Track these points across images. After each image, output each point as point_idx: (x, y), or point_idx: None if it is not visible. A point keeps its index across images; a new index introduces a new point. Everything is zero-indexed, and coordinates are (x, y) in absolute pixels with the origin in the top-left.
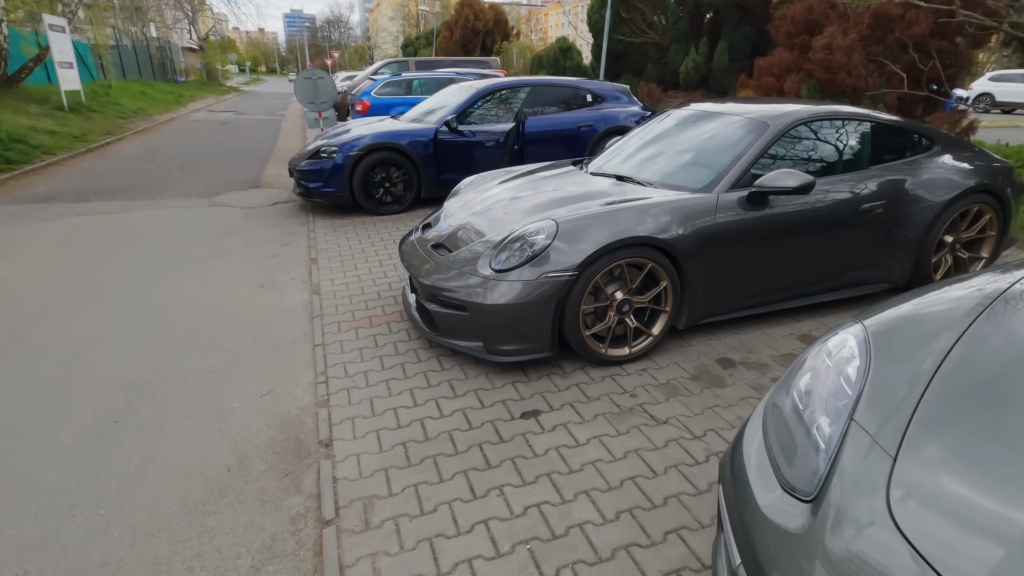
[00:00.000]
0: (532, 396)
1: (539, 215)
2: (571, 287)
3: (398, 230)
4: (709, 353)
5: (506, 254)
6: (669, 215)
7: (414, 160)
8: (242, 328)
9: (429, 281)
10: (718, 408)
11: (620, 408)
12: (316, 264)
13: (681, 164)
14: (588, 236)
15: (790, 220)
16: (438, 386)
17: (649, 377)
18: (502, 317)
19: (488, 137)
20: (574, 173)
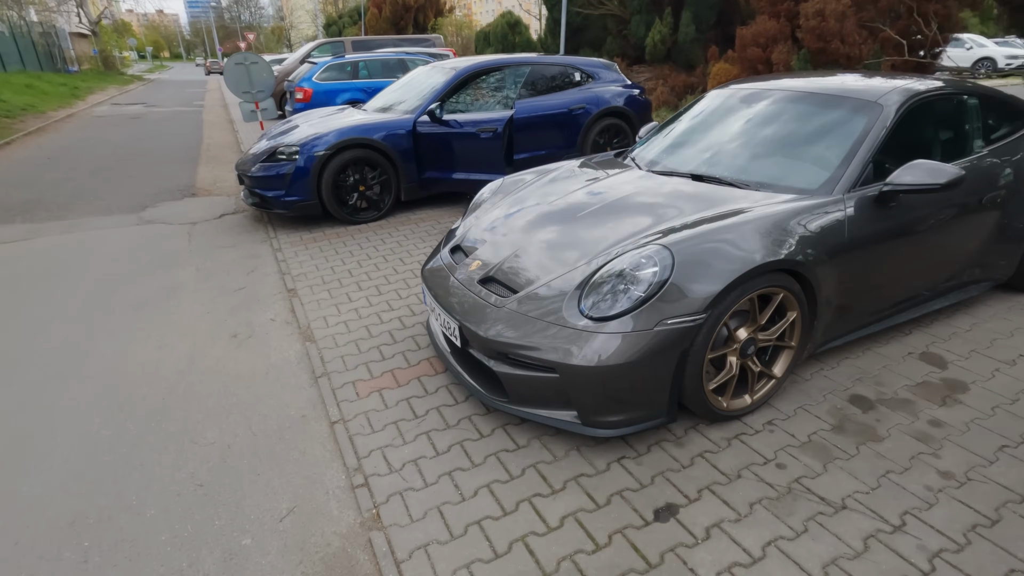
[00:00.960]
0: (654, 481)
1: (627, 237)
2: (696, 334)
3: (383, 242)
4: (832, 389)
5: (599, 295)
6: (798, 228)
7: (391, 157)
8: (225, 404)
9: (494, 335)
10: (892, 475)
11: (775, 489)
12: (297, 297)
13: (772, 158)
14: (714, 265)
15: (917, 220)
16: (523, 476)
17: (783, 434)
18: (607, 380)
19: (482, 127)
20: (631, 172)
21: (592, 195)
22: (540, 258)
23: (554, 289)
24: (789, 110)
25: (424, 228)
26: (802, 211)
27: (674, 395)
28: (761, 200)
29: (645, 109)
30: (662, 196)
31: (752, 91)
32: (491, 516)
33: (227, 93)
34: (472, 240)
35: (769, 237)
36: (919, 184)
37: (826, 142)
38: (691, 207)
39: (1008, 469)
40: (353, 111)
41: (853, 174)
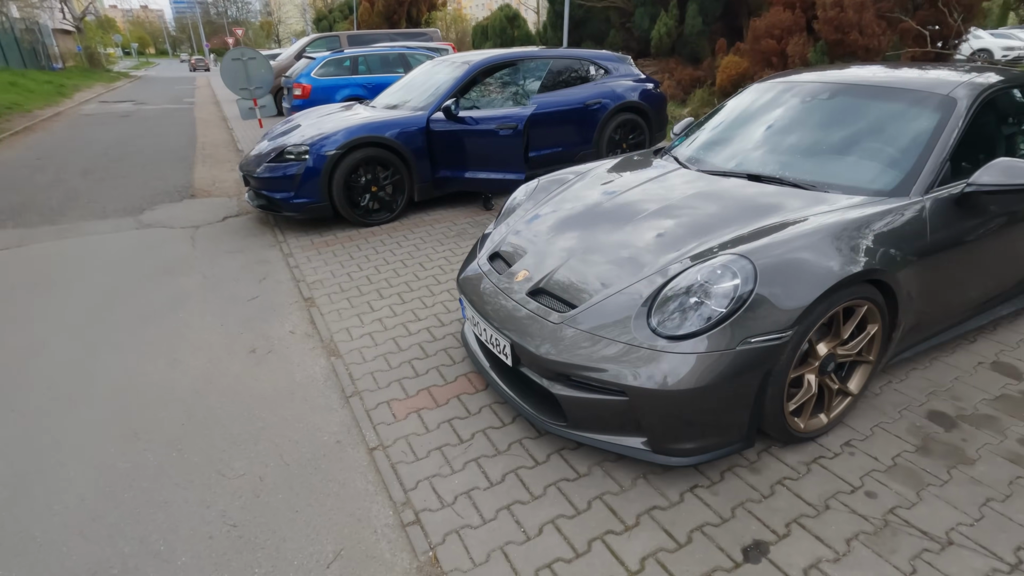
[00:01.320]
0: (735, 513)
1: (693, 244)
2: (781, 353)
3: (399, 246)
4: (907, 405)
5: (671, 310)
6: (881, 234)
7: (404, 156)
8: (251, 429)
9: (554, 355)
10: (994, 504)
11: (870, 522)
12: (315, 307)
13: (835, 157)
14: (801, 276)
15: (995, 221)
16: (590, 510)
17: (865, 457)
18: (684, 404)
19: (502, 124)
20: (679, 172)
21: (644, 198)
22: (597, 268)
23: (619, 303)
24: (848, 105)
25: (440, 230)
26: (884, 215)
27: (754, 419)
28: (834, 203)
29: (661, 104)
30: (722, 199)
31: (801, 84)
32: (562, 558)
33: (219, 90)
34: (513, 247)
35: (854, 244)
36: (1008, 184)
37: (894, 139)
38: (757, 211)
39: None
40: (360, 108)
41: (930, 174)
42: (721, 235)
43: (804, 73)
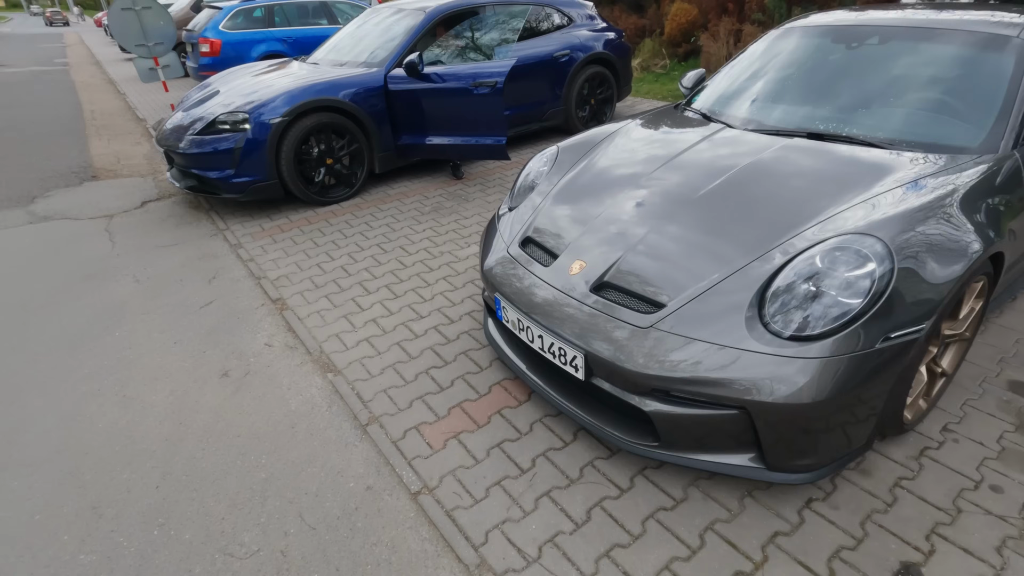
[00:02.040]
0: (866, 530)
1: (795, 221)
2: (916, 347)
3: (370, 227)
4: (983, 377)
5: (790, 306)
6: (989, 198)
7: (362, 122)
8: (252, 483)
9: (649, 366)
10: None
11: (1011, 523)
12: (289, 309)
13: (903, 109)
14: (938, 256)
15: None
16: (705, 547)
17: (969, 443)
18: (813, 415)
19: (478, 81)
20: (725, 131)
21: (704, 165)
22: (676, 255)
23: (720, 299)
24: (904, 50)
25: (412, 205)
26: (988, 176)
27: (881, 420)
28: (928, 165)
29: (627, 55)
30: (801, 164)
31: (844, 27)
32: None
33: (97, 48)
34: (551, 230)
35: (976, 213)
36: None
37: (966, 89)
38: (848, 178)
39: None
40: (298, 66)
41: (1018, 126)
42: (824, 210)
43: (838, 13)
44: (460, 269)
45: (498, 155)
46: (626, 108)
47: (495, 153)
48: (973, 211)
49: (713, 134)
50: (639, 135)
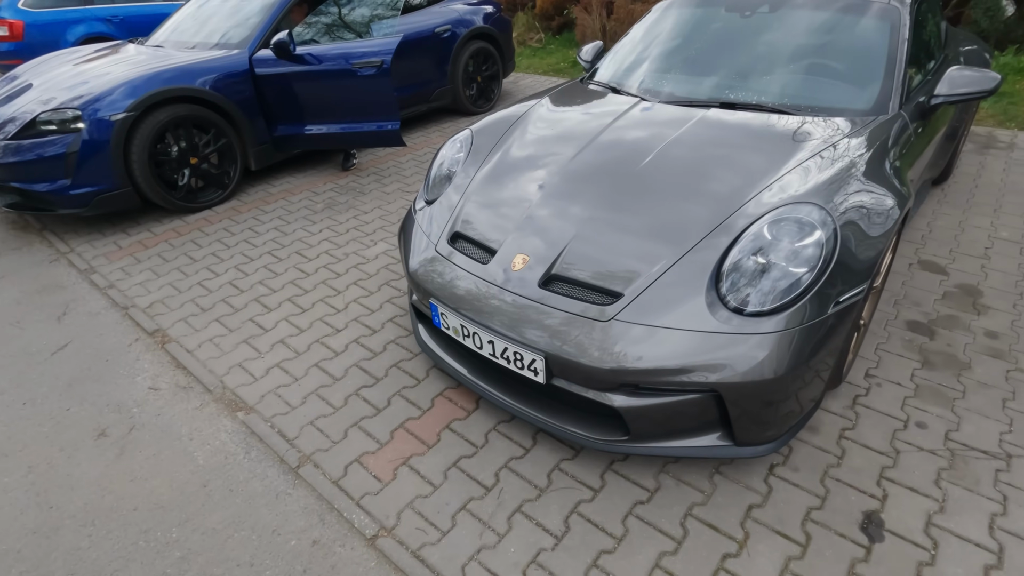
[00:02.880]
0: (827, 487)
1: (733, 195)
2: (861, 305)
3: (256, 232)
4: (886, 320)
5: (746, 281)
6: (893, 157)
7: (228, 113)
8: (165, 565)
9: (615, 361)
10: (1009, 404)
11: (941, 456)
12: (173, 341)
13: (799, 75)
14: (871, 218)
15: (935, 119)
16: (689, 536)
17: (890, 386)
18: (780, 387)
19: (363, 61)
20: (639, 105)
21: (630, 141)
22: (624, 240)
23: (677, 283)
24: (792, 18)
25: (300, 204)
26: (888, 137)
27: (830, 381)
28: (832, 128)
29: (508, 30)
30: (720, 136)
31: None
32: None
33: None
34: (481, 224)
35: (889, 172)
36: (972, 92)
37: (852, 53)
38: (772, 147)
39: None
40: (135, 49)
41: (900, 86)
42: (758, 181)
43: None
44: (371, 271)
45: (392, 141)
46: (512, 85)
47: (388, 139)
48: (885, 170)
49: (629, 110)
50: (554, 114)
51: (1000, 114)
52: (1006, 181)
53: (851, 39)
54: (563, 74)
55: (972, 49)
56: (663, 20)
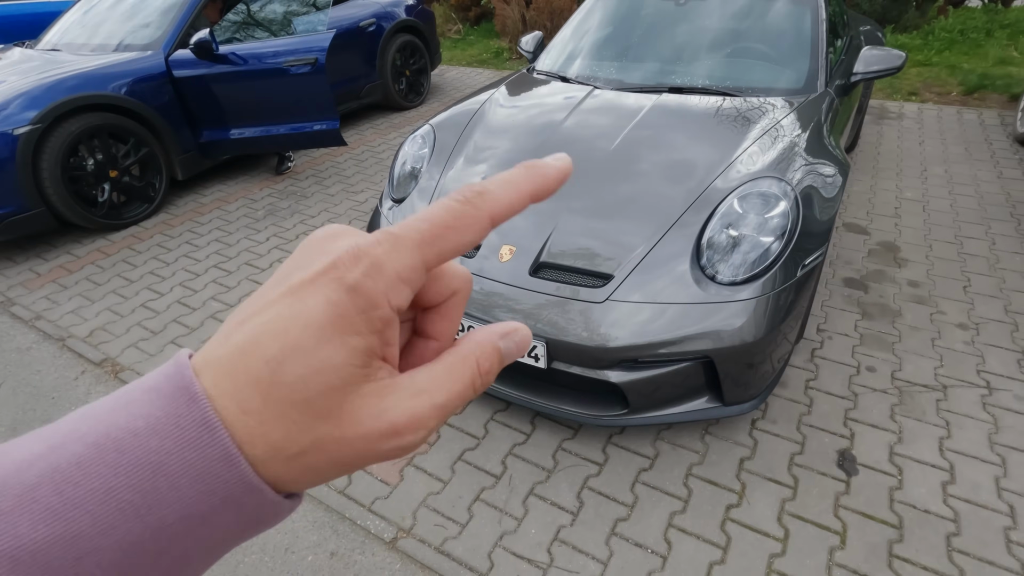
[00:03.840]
0: (803, 433)
1: (700, 173)
2: (819, 269)
3: (194, 245)
4: (824, 279)
5: (722, 252)
6: (828, 129)
7: (148, 120)
8: None
9: (616, 339)
10: (936, 342)
11: (891, 394)
12: (127, 369)
13: (734, 59)
14: (822, 187)
15: None
16: (694, 495)
17: (840, 337)
18: (762, 348)
19: (295, 59)
20: (595, 93)
21: (592, 128)
22: (605, 223)
23: (661, 260)
24: (721, 4)
25: (239, 212)
26: (821, 112)
27: (802, 329)
28: (774, 107)
29: (432, 21)
30: (677, 120)
31: None
32: (715, 561)
33: None
34: None
35: (827, 145)
36: (883, 70)
37: (779, 36)
38: (724, 127)
39: (1005, 289)
40: (21, 54)
41: (824, 66)
42: (721, 160)
43: None
44: None
45: (332, 141)
46: (437, 78)
47: (328, 139)
48: (824, 142)
49: (585, 98)
50: (513, 105)
51: (887, 88)
52: (901, 147)
53: (778, 23)
54: (487, 65)
55: (868, 29)
56: (602, 8)
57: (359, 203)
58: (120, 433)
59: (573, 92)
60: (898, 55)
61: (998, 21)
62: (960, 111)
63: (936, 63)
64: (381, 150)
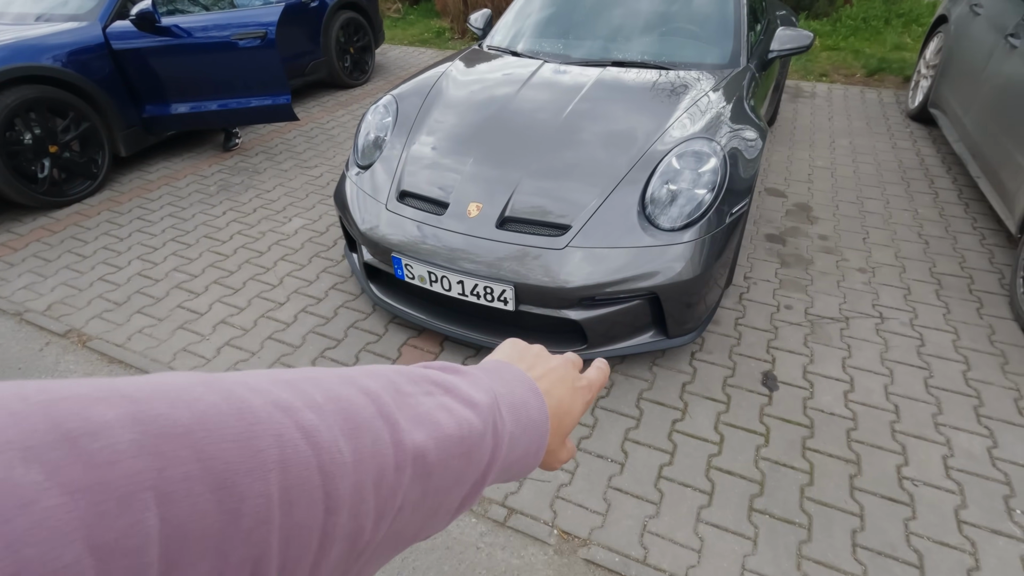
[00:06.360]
0: (734, 360)
1: (648, 135)
2: (744, 218)
3: (147, 220)
4: (748, 236)
5: (663, 202)
6: (750, 99)
7: (87, 93)
8: None
9: (575, 280)
10: (841, 284)
11: (803, 326)
12: (97, 339)
13: (668, 37)
14: (745, 148)
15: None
16: (646, 414)
17: (761, 283)
18: (699, 285)
19: (243, 32)
20: (552, 68)
21: (545, 99)
22: (561, 182)
23: (613, 211)
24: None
25: (190, 188)
26: (743, 84)
27: (725, 285)
28: (704, 79)
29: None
30: (621, 89)
31: None
32: (664, 463)
33: None
34: (428, 181)
35: (749, 112)
36: (795, 47)
37: (706, 16)
38: (661, 96)
39: (896, 239)
40: None
41: (745, 44)
42: (661, 125)
43: None
44: (295, 245)
45: (284, 116)
46: (381, 56)
47: (280, 114)
48: (747, 110)
49: (537, 71)
50: (468, 79)
51: (802, 69)
52: (813, 122)
53: (705, 6)
54: (429, 45)
55: (784, 14)
56: None
57: (315, 177)
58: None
59: (523, 67)
60: (807, 35)
61: (895, 11)
62: (863, 91)
63: (843, 48)
64: (330, 127)
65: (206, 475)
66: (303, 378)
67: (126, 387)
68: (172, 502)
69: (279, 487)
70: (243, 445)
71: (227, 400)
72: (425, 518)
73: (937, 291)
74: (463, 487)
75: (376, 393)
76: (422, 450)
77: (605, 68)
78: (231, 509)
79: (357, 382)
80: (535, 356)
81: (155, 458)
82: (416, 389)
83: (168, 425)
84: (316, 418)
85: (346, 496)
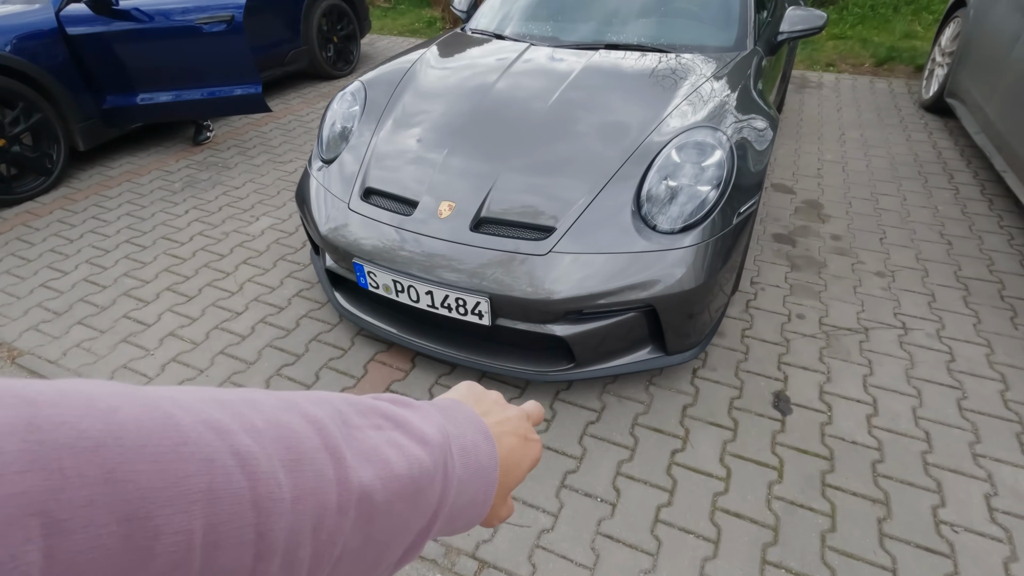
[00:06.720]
0: (741, 379)
1: (636, 127)
2: (753, 217)
3: (102, 220)
4: (754, 236)
5: (661, 201)
6: (758, 84)
7: (41, 83)
8: None
9: (560, 292)
10: (857, 289)
11: (819, 339)
12: (28, 354)
13: (667, 19)
14: (755, 139)
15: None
16: (641, 442)
17: (771, 288)
18: (703, 294)
19: (207, 17)
20: (538, 51)
21: (530, 86)
22: (545, 178)
23: (603, 211)
24: None
25: (153, 185)
26: (751, 68)
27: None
28: (707, 63)
29: None
30: (615, 74)
31: None
32: (662, 504)
33: None
34: (395, 177)
35: (758, 99)
36: (807, 29)
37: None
38: (660, 82)
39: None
40: None
41: (753, 25)
42: (659, 113)
43: None
44: (260, 247)
45: (254, 107)
46: (368, 47)
47: (250, 105)
48: (755, 97)
49: (521, 55)
50: (447, 62)
51: (807, 59)
52: (821, 114)
53: None
54: (420, 34)
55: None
56: None
57: (288, 173)
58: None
59: (507, 51)
60: (820, 15)
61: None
62: (872, 81)
63: (850, 36)
64: (309, 119)
65: (115, 501)
66: (240, 399)
67: (26, 388)
68: (65, 533)
69: (203, 523)
70: (164, 468)
71: (149, 414)
72: (363, 571)
73: (965, 298)
74: (407, 536)
75: (322, 422)
76: (368, 491)
77: (597, 51)
78: (141, 547)
79: (300, 408)
80: (492, 402)
81: (51, 475)
82: (364, 422)
83: (74, 436)
84: (254, 444)
85: (281, 539)
